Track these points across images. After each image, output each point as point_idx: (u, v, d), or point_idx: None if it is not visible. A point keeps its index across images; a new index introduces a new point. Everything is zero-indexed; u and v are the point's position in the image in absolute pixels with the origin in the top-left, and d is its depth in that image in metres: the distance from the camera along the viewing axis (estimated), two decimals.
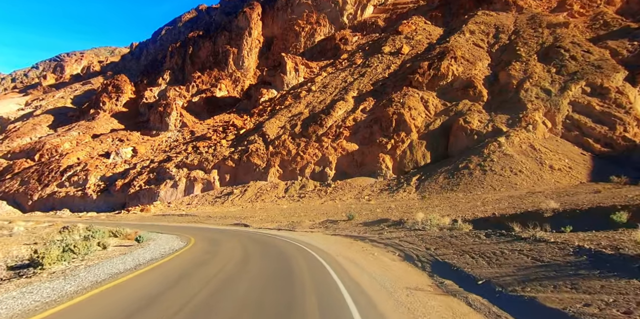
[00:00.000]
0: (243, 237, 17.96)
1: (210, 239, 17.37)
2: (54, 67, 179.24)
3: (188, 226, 27.93)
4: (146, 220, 39.84)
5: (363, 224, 18.82)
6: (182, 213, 42.15)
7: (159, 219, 39.48)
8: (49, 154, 76.89)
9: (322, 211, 30.12)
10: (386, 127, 51.60)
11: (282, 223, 25.02)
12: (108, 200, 62.26)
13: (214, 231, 21.62)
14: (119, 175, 65.31)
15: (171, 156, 64.62)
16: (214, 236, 18.73)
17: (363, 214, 24.13)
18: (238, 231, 21.36)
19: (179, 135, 76.47)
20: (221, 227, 24.90)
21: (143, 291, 7.41)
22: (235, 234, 19.36)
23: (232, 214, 34.58)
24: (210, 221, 30.88)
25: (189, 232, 21.34)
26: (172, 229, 23.88)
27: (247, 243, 15.37)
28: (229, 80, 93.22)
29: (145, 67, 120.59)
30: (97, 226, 21.78)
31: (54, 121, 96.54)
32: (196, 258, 11.56)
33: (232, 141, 64.24)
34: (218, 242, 16.31)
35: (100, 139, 79.30)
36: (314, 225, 22.01)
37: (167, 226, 29.05)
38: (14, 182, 70.27)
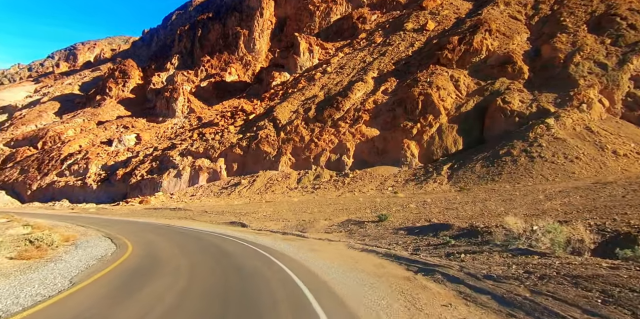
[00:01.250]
0: (221, 257, 10.83)
1: (144, 271, 9.23)
2: (67, 55, 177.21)
3: (167, 225, 22.29)
4: (131, 215, 35.45)
5: (405, 230, 13.13)
6: (176, 207, 37.34)
7: (148, 213, 34.92)
8: (51, 142, 73.44)
9: (340, 205, 24.75)
10: (411, 110, 45.63)
11: (289, 222, 19.78)
12: (109, 190, 58.23)
13: (189, 240, 15.57)
14: (120, 164, 61.16)
15: (175, 144, 60.03)
16: (171, 256, 11.49)
17: (394, 212, 18.69)
18: (223, 240, 15.04)
19: (185, 121, 71.85)
20: (209, 228, 19.88)
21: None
22: (210, 249, 12.71)
23: (234, 209, 29.51)
24: (203, 217, 25.96)
25: (143, 242, 15.23)
26: (137, 233, 18.70)
27: (213, 283, 7.95)
28: (239, 64, 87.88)
29: (154, 53, 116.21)
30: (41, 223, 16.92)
31: (60, 108, 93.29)
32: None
33: (241, 126, 59.14)
34: (151, 279, 8.40)
35: (105, 126, 75.37)
36: (331, 226, 16.89)
37: (136, 225, 23.66)
38: (14, 171, 67.04)
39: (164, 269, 9.37)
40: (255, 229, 19.05)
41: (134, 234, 17.81)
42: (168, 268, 9.60)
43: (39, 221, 23.85)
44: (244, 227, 20.16)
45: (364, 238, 13.07)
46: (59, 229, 17.67)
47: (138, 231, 19.06)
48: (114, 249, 13.11)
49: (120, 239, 15.90)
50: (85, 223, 24.63)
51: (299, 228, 17.59)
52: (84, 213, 40.26)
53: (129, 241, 15.00)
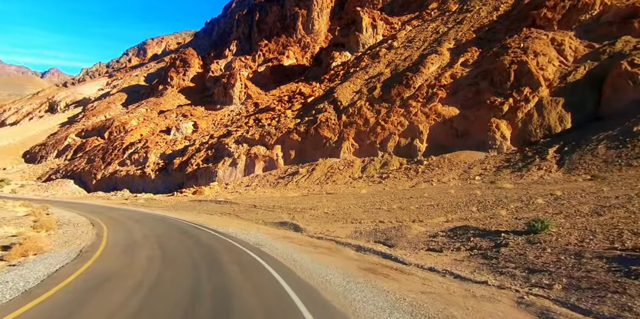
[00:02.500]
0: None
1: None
2: (138, 51, 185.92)
3: (197, 226, 17.87)
4: (172, 208, 32.06)
5: (617, 260, 6.71)
6: (222, 200, 33.17)
7: (191, 206, 31.25)
8: (116, 132, 74.51)
9: (424, 199, 18.48)
10: (500, 83, 37.46)
11: (362, 224, 13.91)
12: (166, 180, 56.67)
13: (220, 255, 10.47)
14: (178, 152, 59.42)
15: (231, 131, 56.83)
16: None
17: (525, 210, 12.25)
18: (255, 269, 8.72)
19: (242, 108, 68.81)
20: (250, 232, 14.65)
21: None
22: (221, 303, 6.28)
23: (288, 203, 24.39)
24: (249, 214, 21.07)
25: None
26: (140, 243, 13.06)
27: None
28: (297, 47, 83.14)
29: (214, 42, 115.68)
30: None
31: (127, 98, 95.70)
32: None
33: (298, 111, 54.30)
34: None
35: (165, 115, 74.90)
36: (433, 237, 10.79)
37: (162, 223, 19.80)
38: (82, 160, 68.62)
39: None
40: (314, 235, 13.63)
41: (130, 248, 12.69)
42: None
43: (56, 217, 20.58)
44: (298, 231, 14.99)
45: (536, 277, 6.79)
46: (56, 235, 13.60)
47: (143, 241, 13.28)
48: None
49: (100, 263, 10.85)
50: (109, 219, 21.11)
51: (380, 237, 11.86)
52: (130, 205, 37.86)
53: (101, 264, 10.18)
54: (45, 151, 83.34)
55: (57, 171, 71.52)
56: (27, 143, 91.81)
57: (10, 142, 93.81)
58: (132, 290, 6.71)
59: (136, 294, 6.47)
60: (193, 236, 14.21)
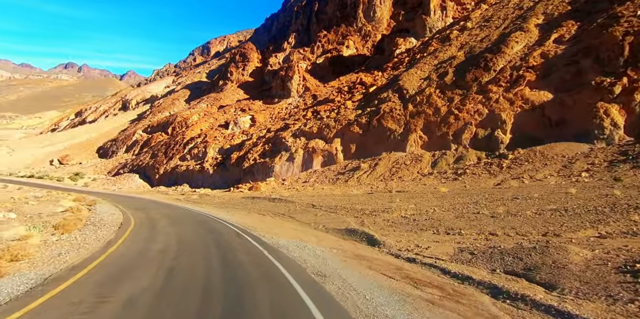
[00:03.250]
0: None
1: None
2: (202, 50, 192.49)
3: (238, 232, 14.46)
4: (223, 205, 29.58)
5: None
6: (277, 197, 30.07)
7: (242, 204, 28.61)
8: (179, 127, 75.64)
9: (537, 201, 13.56)
10: (609, 60, 30.72)
11: (464, 237, 9.64)
12: (224, 175, 55.62)
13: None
14: (235, 147, 58.20)
15: (288, 124, 54.31)
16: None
17: None
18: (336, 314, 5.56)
19: (299, 101, 66.22)
20: (310, 241, 11.38)
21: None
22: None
23: (352, 203, 20.57)
24: (307, 215, 17.57)
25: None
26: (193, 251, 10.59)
27: None
28: (357, 36, 78.90)
29: (273, 36, 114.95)
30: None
31: (190, 95, 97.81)
32: None
33: (359, 101, 50.30)
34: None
35: (224, 110, 74.63)
36: (622, 268, 6.30)
37: (201, 226, 16.53)
38: (146, 155, 70.31)
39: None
40: (400, 254, 9.60)
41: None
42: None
43: (91, 215, 18.62)
44: (374, 245, 11.01)
45: None
46: (59, 243, 11.03)
47: (154, 257, 9.62)
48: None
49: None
50: (143, 220, 18.86)
51: (514, 264, 7.72)
52: (182, 202, 36.29)
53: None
54: (115, 146, 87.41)
55: (124, 165, 74.16)
56: (101, 139, 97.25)
57: (87, 138, 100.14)
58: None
59: None
60: (229, 250, 10.68)
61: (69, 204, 24.65)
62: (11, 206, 24.72)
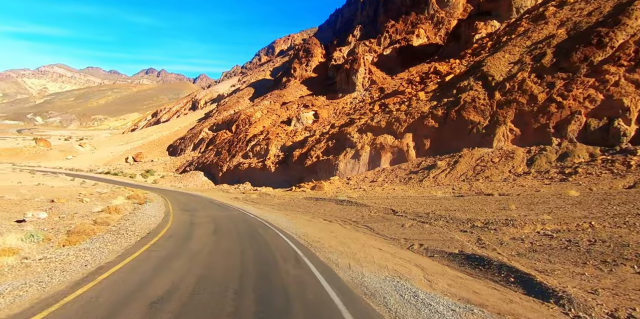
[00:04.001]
0: None
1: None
2: (267, 50, 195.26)
3: (302, 254, 9.97)
4: (283, 207, 25.81)
5: None
6: (345, 199, 25.71)
7: (305, 206, 24.74)
8: (242, 124, 74.99)
9: None
10: None
11: None
12: (286, 173, 53.07)
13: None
14: (298, 144, 55.43)
15: (354, 119, 50.27)
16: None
17: None
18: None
19: (365, 94, 61.87)
20: (416, 279, 6.96)
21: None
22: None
23: (444, 208, 15.55)
24: (388, 227, 13.24)
25: None
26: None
27: None
28: (429, 24, 72.58)
29: (338, 31, 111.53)
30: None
31: (254, 93, 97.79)
32: None
33: (434, 92, 44.80)
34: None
35: (287, 106, 72.55)
36: None
37: (251, 242, 12.04)
38: (211, 153, 70.32)
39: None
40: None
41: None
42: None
43: (124, 218, 15.96)
44: (544, 298, 5.96)
45: None
46: (41, 264, 7.96)
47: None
48: None
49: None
50: (182, 226, 15.87)
51: None
52: (240, 201, 33.55)
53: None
54: (183, 144, 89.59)
55: (191, 163, 75.11)
56: (172, 137, 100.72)
57: (159, 137, 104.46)
58: None
59: None
60: (277, 295, 6.31)
61: (120, 201, 22.86)
62: (64, 201, 23.48)
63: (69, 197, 28.87)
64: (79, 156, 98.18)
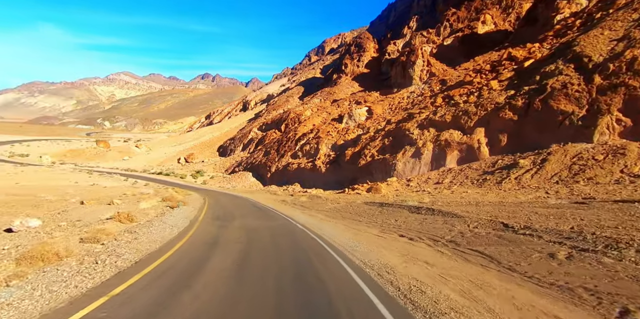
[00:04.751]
0: None
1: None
2: (317, 50, 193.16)
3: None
4: (340, 214, 21.04)
5: None
6: (419, 204, 20.32)
7: (369, 213, 19.94)
8: (291, 123, 72.03)
9: None
10: None
11: None
12: (337, 173, 48.96)
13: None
14: (350, 142, 51.13)
15: (413, 113, 45.08)
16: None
17: None
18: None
19: (424, 88, 56.21)
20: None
21: None
22: None
23: (594, 224, 10.37)
24: (520, 257, 8.10)
25: None
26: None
27: None
28: (496, 9, 65.31)
29: (391, 24, 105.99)
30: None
31: (303, 91, 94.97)
32: None
33: (510, 80, 38.60)
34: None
35: (338, 104, 68.48)
36: None
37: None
38: (259, 153, 67.94)
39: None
40: None
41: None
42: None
43: (133, 228, 12.41)
44: None
45: None
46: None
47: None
48: None
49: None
50: (209, 240, 11.87)
51: None
52: (288, 205, 29.69)
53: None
54: (233, 144, 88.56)
55: (240, 163, 73.38)
56: (222, 138, 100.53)
57: (210, 137, 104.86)
58: None
59: None
60: None
61: (148, 205, 19.90)
62: (93, 203, 21.00)
63: (103, 198, 26.73)
64: (135, 157, 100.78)
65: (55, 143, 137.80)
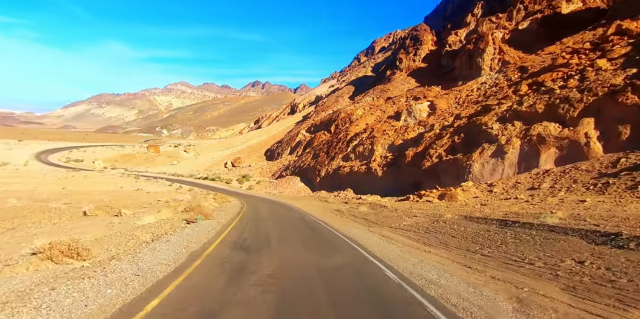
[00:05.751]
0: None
1: None
2: (367, 51, 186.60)
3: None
4: (433, 240, 12.94)
5: None
6: (555, 223, 12.26)
7: (486, 238, 12.26)
8: (342, 124, 66.17)
9: None
10: None
11: None
12: (396, 177, 42.25)
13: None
14: (410, 142, 44.27)
15: (490, 105, 37.46)
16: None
17: None
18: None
19: (498, 77, 48.04)
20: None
21: None
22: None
23: None
24: None
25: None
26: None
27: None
28: None
29: (449, 16, 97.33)
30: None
31: (354, 91, 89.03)
32: None
33: (626, 57, 30.03)
34: None
35: (393, 101, 61.69)
36: None
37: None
38: (308, 156, 62.67)
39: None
40: None
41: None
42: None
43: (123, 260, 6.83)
44: None
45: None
46: None
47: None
48: None
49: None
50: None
51: None
52: (345, 217, 23.65)
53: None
54: (280, 148, 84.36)
55: (287, 167, 68.67)
56: (270, 141, 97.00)
57: (258, 141, 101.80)
58: None
59: None
60: None
61: (165, 216, 14.75)
62: (99, 214, 16.33)
63: (129, 205, 22.46)
64: (183, 162, 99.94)
65: (110, 149, 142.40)
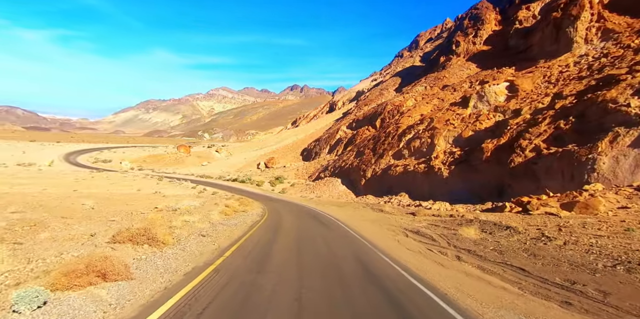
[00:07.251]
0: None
1: None
2: (410, 47, 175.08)
3: None
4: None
5: None
6: None
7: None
8: (389, 117, 56.31)
9: None
10: None
11: None
12: (469, 178, 31.92)
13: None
14: (486, 133, 33.87)
15: (615, 75, 26.48)
16: None
17: None
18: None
19: (604, 47, 36.65)
20: None
21: None
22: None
23: None
24: None
25: None
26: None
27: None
28: None
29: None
30: None
31: (400, 82, 78.81)
32: None
33: None
34: None
35: (453, 87, 51.13)
36: None
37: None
38: (350, 154, 53.31)
39: None
40: None
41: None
42: None
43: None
44: None
45: None
46: None
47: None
48: None
49: None
50: None
51: None
52: (426, 232, 14.00)
53: None
54: (318, 147, 75.64)
55: (326, 168, 59.67)
56: (307, 140, 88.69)
57: (293, 140, 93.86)
58: None
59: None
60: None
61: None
62: None
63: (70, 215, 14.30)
64: (214, 162, 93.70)
65: (142, 149, 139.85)
